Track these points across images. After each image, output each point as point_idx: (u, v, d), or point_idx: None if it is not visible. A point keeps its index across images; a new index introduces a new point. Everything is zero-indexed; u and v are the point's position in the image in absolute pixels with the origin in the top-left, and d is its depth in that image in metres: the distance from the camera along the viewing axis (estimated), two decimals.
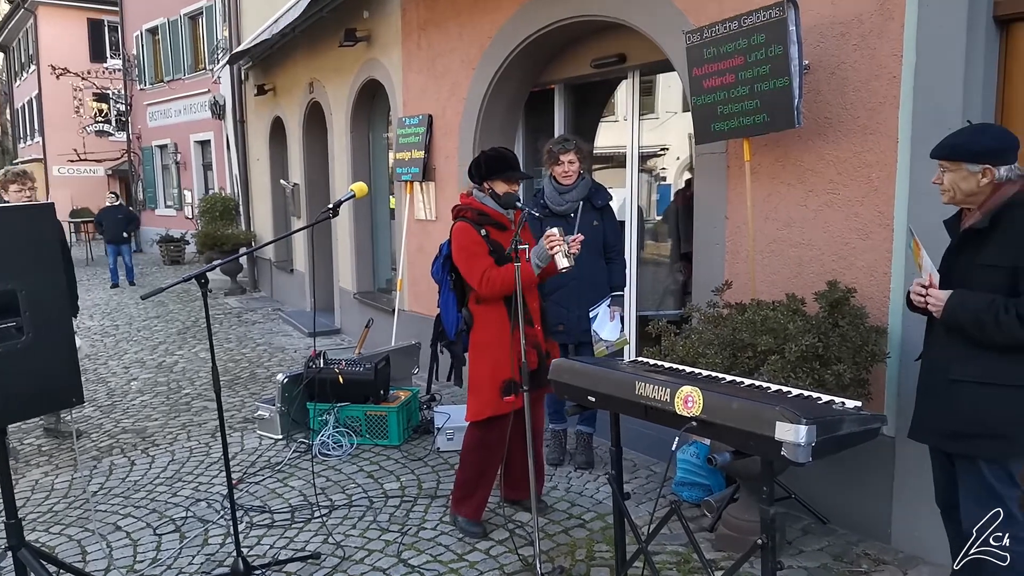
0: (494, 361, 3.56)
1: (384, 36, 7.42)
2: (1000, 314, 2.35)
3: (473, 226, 3.55)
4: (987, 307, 2.38)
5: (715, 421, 2.23)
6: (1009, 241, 2.38)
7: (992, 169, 2.40)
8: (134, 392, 6.70)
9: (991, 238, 2.43)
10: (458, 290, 3.67)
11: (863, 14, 3.42)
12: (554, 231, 3.38)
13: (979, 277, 2.45)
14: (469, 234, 3.54)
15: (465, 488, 3.76)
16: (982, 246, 2.45)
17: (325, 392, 5.11)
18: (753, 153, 3.82)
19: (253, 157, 12.91)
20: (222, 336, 9.15)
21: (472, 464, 3.71)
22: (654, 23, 4.45)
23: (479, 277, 3.49)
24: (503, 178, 3.59)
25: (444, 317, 3.72)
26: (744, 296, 3.71)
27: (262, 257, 12.85)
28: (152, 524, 4.04)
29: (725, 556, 3.45)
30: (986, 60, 3.10)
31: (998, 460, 2.48)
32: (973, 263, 2.47)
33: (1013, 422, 2.42)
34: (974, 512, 2.52)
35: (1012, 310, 2.34)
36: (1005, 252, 2.39)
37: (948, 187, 2.52)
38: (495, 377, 3.55)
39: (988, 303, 2.38)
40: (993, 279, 2.41)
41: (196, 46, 19.41)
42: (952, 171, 2.49)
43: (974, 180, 2.44)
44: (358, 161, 8.58)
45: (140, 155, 23.18)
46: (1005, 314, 2.34)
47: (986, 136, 2.46)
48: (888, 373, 3.43)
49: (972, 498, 2.54)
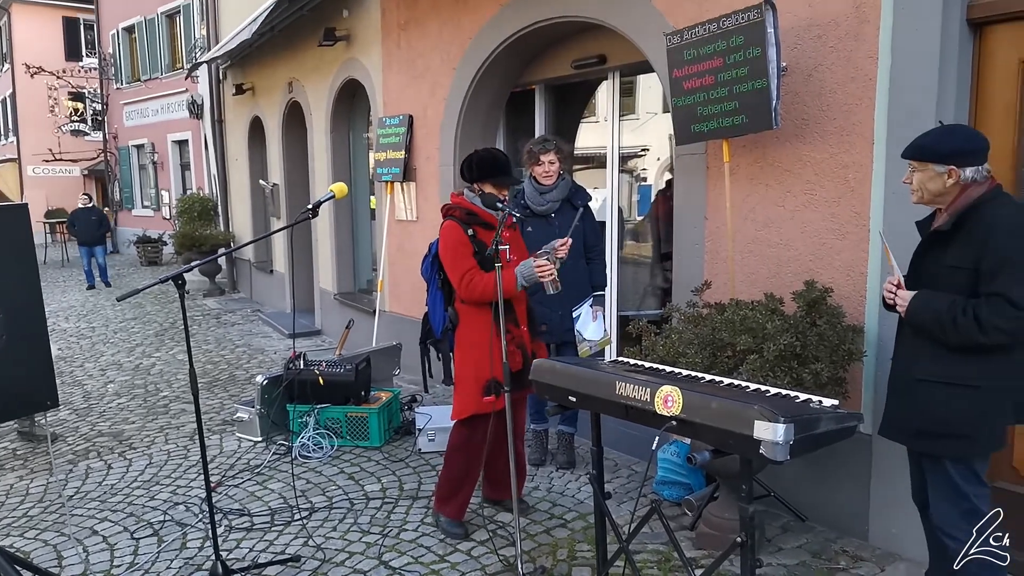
0: (478, 360, 3.56)
1: (364, 35, 7.39)
2: (958, 315, 2.38)
3: (461, 225, 3.54)
4: (947, 308, 2.41)
5: (695, 420, 2.25)
6: (971, 242, 2.41)
7: (957, 170, 2.43)
8: (111, 395, 6.62)
9: (956, 239, 2.46)
10: (446, 288, 3.67)
11: (839, 17, 3.46)
12: (544, 262, 3.41)
13: (944, 278, 2.48)
14: (455, 233, 3.54)
15: (449, 487, 3.75)
16: (948, 247, 2.48)
17: (305, 394, 5.07)
18: (732, 154, 3.85)
19: (232, 157, 12.81)
20: (200, 338, 9.06)
21: (457, 463, 3.70)
22: (634, 24, 4.47)
23: (459, 278, 3.49)
24: (493, 182, 3.58)
25: (431, 315, 3.73)
26: (723, 296, 3.74)
27: (241, 258, 12.75)
28: (129, 528, 3.99)
29: (705, 554, 3.47)
30: (959, 62, 3.15)
31: (962, 459, 2.50)
32: (939, 264, 2.51)
33: (974, 422, 2.44)
34: (942, 509, 2.56)
35: (970, 312, 2.36)
36: (968, 253, 2.41)
37: (916, 187, 2.56)
38: (479, 376, 3.55)
39: (948, 304, 2.41)
40: (957, 280, 2.44)
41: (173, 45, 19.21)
42: (920, 171, 2.52)
43: (940, 181, 2.47)
44: (338, 161, 8.54)
45: (116, 155, 22.91)
46: (963, 316, 2.37)
47: (953, 137, 2.49)
48: (865, 371, 3.46)
49: (940, 496, 2.57)
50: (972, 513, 2.50)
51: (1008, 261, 2.33)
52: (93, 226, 14.11)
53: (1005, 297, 2.32)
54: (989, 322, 2.33)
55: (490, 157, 3.66)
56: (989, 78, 3.16)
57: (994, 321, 2.33)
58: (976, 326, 2.35)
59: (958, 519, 2.52)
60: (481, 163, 3.62)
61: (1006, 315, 2.31)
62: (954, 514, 2.53)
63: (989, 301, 2.35)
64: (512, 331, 3.58)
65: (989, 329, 2.34)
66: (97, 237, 14.10)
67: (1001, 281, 2.33)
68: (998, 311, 2.32)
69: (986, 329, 2.34)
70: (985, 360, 2.42)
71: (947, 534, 2.55)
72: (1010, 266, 2.33)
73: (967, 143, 2.46)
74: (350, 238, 8.75)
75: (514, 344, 3.57)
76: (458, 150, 6.04)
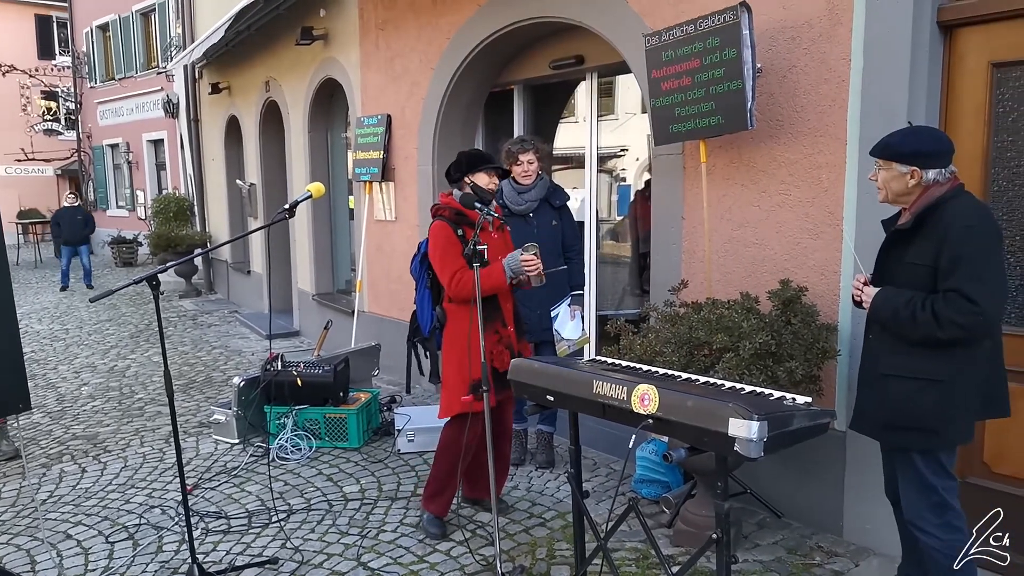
0: (462, 360, 3.56)
1: (342, 35, 7.36)
2: (917, 311, 2.43)
3: (450, 225, 3.56)
4: (906, 304, 2.47)
5: (671, 418, 2.27)
6: (930, 240, 2.46)
7: (920, 171, 2.48)
8: (85, 397, 6.54)
9: (916, 237, 2.51)
10: (434, 288, 3.69)
11: (813, 19, 3.50)
12: (531, 256, 3.44)
13: (905, 274, 2.54)
14: (444, 233, 3.56)
15: (436, 484, 3.76)
16: (909, 245, 2.53)
17: (283, 395, 5.04)
18: (709, 154, 3.88)
19: (208, 157, 12.69)
20: (176, 339, 8.97)
21: (447, 461, 3.71)
22: (611, 26, 4.49)
23: (449, 277, 3.52)
24: (483, 170, 3.63)
25: (420, 314, 3.77)
26: (700, 295, 3.77)
27: (218, 259, 12.64)
28: (104, 532, 3.94)
29: (683, 551, 3.50)
30: (930, 64, 3.20)
31: (930, 452, 2.54)
32: (900, 261, 2.56)
33: (940, 416, 2.48)
34: (912, 502, 2.61)
35: (928, 307, 2.41)
36: (927, 250, 2.46)
37: (881, 185, 2.61)
38: (465, 376, 3.56)
39: (907, 299, 2.47)
40: (918, 276, 2.49)
41: (148, 43, 18.97)
42: (885, 170, 2.57)
43: (903, 181, 2.53)
44: (316, 161, 8.50)
45: (90, 154, 22.59)
46: (921, 311, 2.42)
47: (918, 138, 2.53)
48: (839, 369, 3.51)
49: (910, 488, 2.61)
50: (940, 506, 2.55)
51: (964, 258, 2.38)
52: (79, 226, 13.88)
53: (961, 293, 2.36)
54: (946, 317, 2.38)
55: (476, 151, 3.75)
56: (959, 80, 3.21)
57: (950, 316, 2.37)
58: (934, 321, 2.40)
59: (926, 512, 2.56)
60: (470, 157, 3.68)
61: (962, 310, 2.36)
62: (923, 507, 2.57)
63: (946, 297, 2.40)
64: (500, 331, 3.60)
65: (946, 324, 2.38)
66: (82, 237, 13.90)
67: (957, 277, 2.38)
68: (955, 307, 2.37)
69: (943, 324, 2.39)
70: (949, 354, 2.46)
71: (916, 527, 2.60)
72: (966, 263, 2.37)
73: (931, 145, 2.51)
74: (328, 238, 8.70)
75: (502, 344, 3.59)
76: (437, 150, 6.04)
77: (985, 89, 3.13)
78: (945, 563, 2.53)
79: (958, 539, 2.52)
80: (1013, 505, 3.13)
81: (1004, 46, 3.06)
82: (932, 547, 2.56)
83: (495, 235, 3.71)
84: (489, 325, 3.57)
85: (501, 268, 3.49)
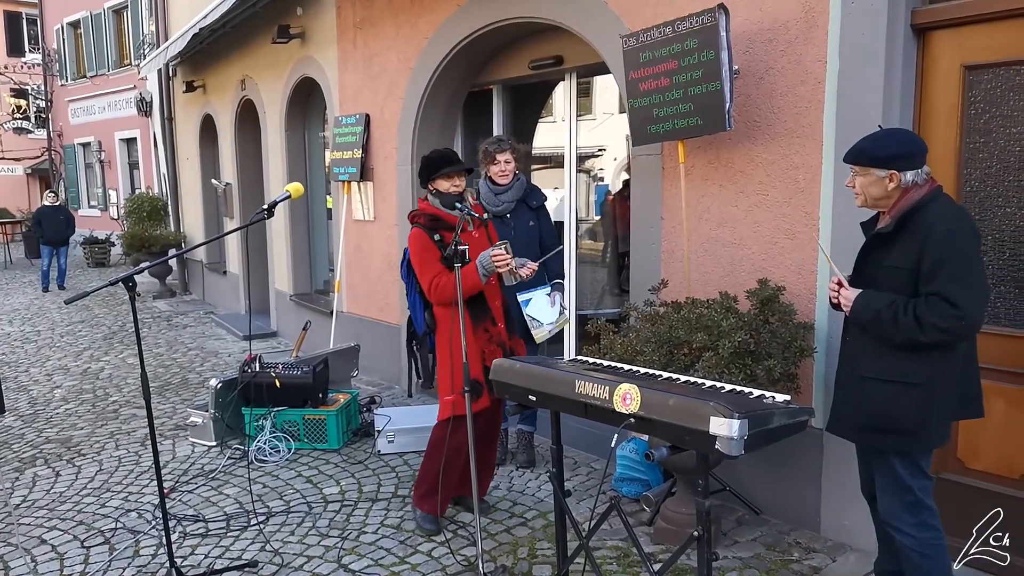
0: (455, 362, 3.56)
1: (319, 34, 7.31)
2: (899, 314, 2.43)
3: (426, 231, 3.57)
4: (888, 306, 2.46)
5: (652, 417, 2.28)
6: (911, 243, 2.46)
7: (898, 174, 2.48)
8: (58, 400, 6.43)
9: (897, 240, 2.51)
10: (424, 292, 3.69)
11: (789, 21, 3.54)
12: (501, 252, 3.44)
13: (884, 277, 2.54)
14: (421, 240, 3.57)
15: (426, 484, 3.75)
16: (890, 248, 2.54)
17: (261, 396, 5.00)
18: (687, 155, 3.91)
19: (182, 156, 12.54)
20: (151, 341, 8.86)
21: (436, 462, 3.70)
22: (590, 27, 4.51)
23: (428, 284, 3.54)
24: (441, 175, 3.61)
25: (413, 316, 3.81)
26: (680, 295, 3.80)
27: (193, 259, 12.49)
28: (79, 536, 3.89)
29: (664, 549, 3.52)
30: (904, 66, 3.25)
31: (907, 454, 2.56)
32: (880, 264, 2.57)
33: (919, 419, 2.49)
34: (889, 502, 2.63)
35: (910, 311, 2.42)
36: (907, 254, 2.47)
37: (859, 191, 2.60)
38: (456, 378, 3.55)
39: (889, 303, 2.47)
40: (897, 279, 2.50)
41: (121, 40, 18.73)
42: (861, 175, 2.56)
43: (882, 185, 2.52)
44: (294, 160, 8.43)
45: (62, 153, 22.24)
46: (904, 315, 2.42)
47: (892, 142, 2.53)
48: (816, 367, 3.55)
49: (887, 489, 2.63)
50: (916, 505, 2.57)
51: (946, 262, 2.39)
52: (61, 226, 13.63)
53: (943, 297, 2.37)
54: (928, 322, 2.38)
55: (435, 154, 3.70)
56: (933, 82, 3.26)
57: (933, 320, 2.38)
58: (916, 325, 2.40)
59: (901, 511, 2.59)
60: (428, 163, 3.66)
61: (944, 315, 2.37)
62: (898, 506, 2.60)
63: (928, 301, 2.40)
64: (490, 329, 3.61)
65: (928, 328, 2.39)
66: (64, 238, 13.65)
67: (939, 281, 2.39)
68: (937, 311, 2.38)
69: (925, 328, 2.39)
70: (927, 357, 2.47)
71: (892, 526, 2.62)
72: (948, 267, 2.38)
73: (907, 147, 2.51)
74: (306, 238, 8.64)
75: (493, 343, 3.60)
76: (415, 150, 6.02)
77: (958, 91, 3.19)
78: (920, 561, 2.57)
79: (932, 537, 2.56)
80: (987, 500, 3.20)
81: (976, 49, 3.12)
82: (907, 546, 2.58)
83: (475, 234, 3.70)
84: (478, 324, 3.59)
85: (475, 268, 3.49)
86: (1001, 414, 3.11)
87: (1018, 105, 3.05)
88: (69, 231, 13.89)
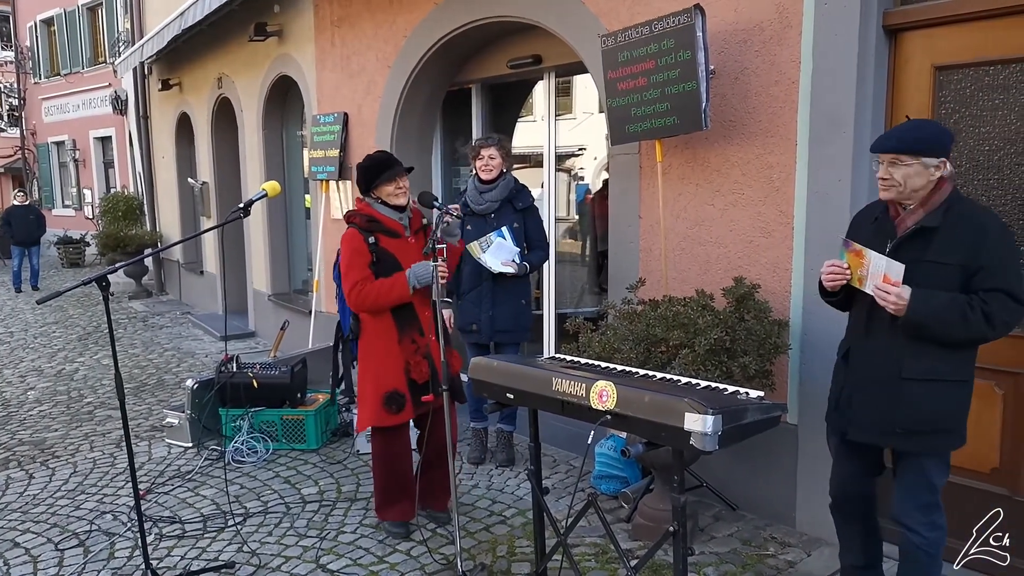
0: (376, 371, 3.55)
1: (297, 32, 7.27)
2: (967, 312, 2.35)
3: (361, 233, 3.47)
4: (950, 304, 2.37)
5: (628, 414, 2.30)
6: (958, 238, 2.40)
7: (946, 162, 2.42)
8: (31, 402, 6.34)
9: (937, 235, 2.42)
10: None
11: (764, 22, 3.58)
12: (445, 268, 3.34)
13: (925, 272, 2.42)
14: (354, 242, 3.47)
15: (381, 496, 3.73)
16: (930, 242, 2.43)
17: (239, 397, 4.96)
18: (665, 154, 3.94)
19: (158, 154, 12.41)
20: (127, 342, 8.76)
21: (380, 473, 3.70)
22: (568, 26, 4.52)
23: (350, 288, 3.44)
24: (383, 180, 3.48)
25: (341, 319, 3.69)
26: (657, 293, 3.83)
27: (169, 259, 12.37)
28: (53, 539, 3.84)
29: (641, 545, 3.55)
30: (876, 67, 3.29)
31: (941, 453, 2.53)
32: (920, 259, 2.43)
33: (956, 417, 2.48)
34: (908, 504, 2.57)
35: (977, 307, 2.35)
36: (954, 249, 2.41)
37: (899, 181, 2.44)
38: (378, 388, 3.53)
39: (950, 300, 2.37)
40: (942, 275, 2.42)
41: (95, 38, 18.48)
42: (907, 165, 2.42)
43: (927, 175, 2.41)
44: (271, 159, 8.37)
45: (35, 152, 21.91)
46: (971, 311, 2.35)
47: (938, 131, 2.45)
48: (790, 364, 3.59)
49: (910, 489, 2.57)
50: (931, 505, 2.55)
51: (1005, 259, 2.39)
52: (32, 226, 13.43)
53: (1007, 292, 2.36)
54: (999, 318, 2.36)
55: (370, 162, 3.54)
56: (904, 82, 3.31)
57: (1003, 316, 2.36)
58: (985, 322, 2.36)
59: (916, 510, 2.55)
60: (365, 172, 3.50)
61: (1012, 310, 2.36)
62: (914, 506, 2.55)
63: (994, 297, 2.37)
64: (416, 340, 3.54)
65: (999, 324, 2.36)
66: (35, 238, 13.45)
67: (1002, 277, 2.37)
68: (1004, 306, 2.36)
69: (996, 325, 2.36)
70: (965, 355, 2.47)
71: (904, 525, 2.57)
72: (1008, 263, 2.39)
73: (946, 137, 2.45)
74: (284, 238, 8.59)
75: (419, 354, 3.54)
76: (395, 148, 6.00)
77: (928, 91, 3.24)
78: (924, 559, 2.56)
79: (939, 537, 2.56)
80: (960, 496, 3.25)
81: (946, 50, 3.17)
82: (915, 544, 2.55)
83: (411, 239, 3.58)
84: (404, 334, 3.51)
85: (404, 279, 3.40)
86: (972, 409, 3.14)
87: (987, 105, 3.10)
88: (40, 231, 13.69)
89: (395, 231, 3.53)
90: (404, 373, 3.52)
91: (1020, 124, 3.03)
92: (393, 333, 3.51)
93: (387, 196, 3.51)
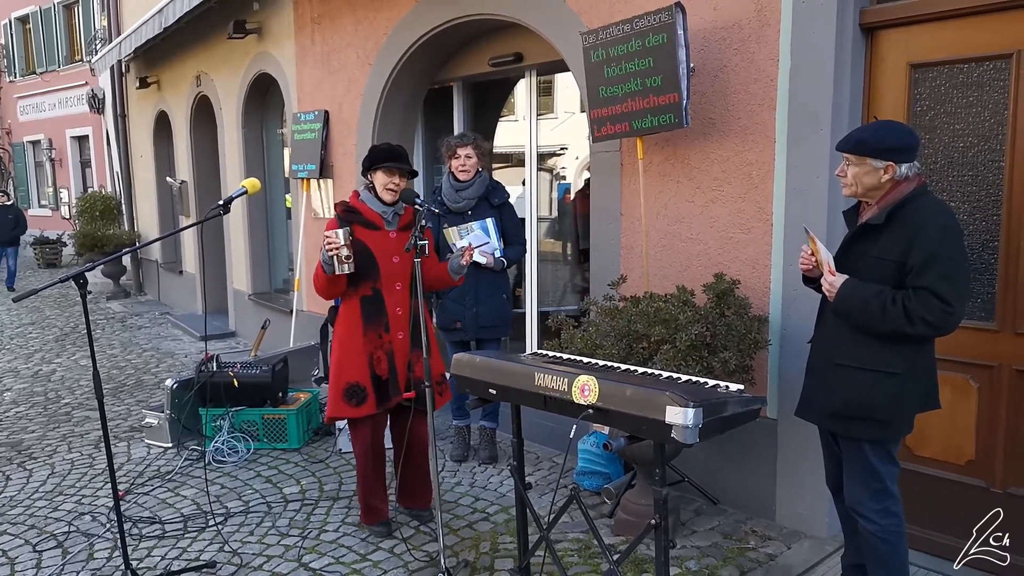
0: (339, 361, 3.57)
1: (276, 29, 7.23)
2: (888, 304, 2.43)
3: (339, 222, 3.50)
4: (875, 296, 2.45)
5: (610, 408, 2.31)
6: (899, 236, 2.47)
7: (894, 166, 2.48)
8: (7, 403, 6.25)
9: (884, 232, 2.51)
10: None
11: (742, 20, 3.61)
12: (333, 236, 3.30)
13: (867, 267, 2.52)
14: (328, 229, 3.49)
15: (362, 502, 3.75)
16: (876, 240, 2.53)
17: (219, 396, 4.92)
18: (645, 152, 3.96)
19: (136, 153, 12.28)
20: (105, 342, 8.66)
21: (358, 470, 3.71)
22: (548, 24, 4.53)
23: (314, 272, 3.52)
24: (381, 168, 3.52)
25: None
26: (638, 289, 3.85)
27: (148, 259, 12.24)
28: (31, 541, 3.79)
29: (623, 540, 3.56)
30: (853, 65, 3.33)
31: (879, 442, 2.58)
32: (866, 254, 2.54)
33: (890, 407, 2.52)
34: (856, 489, 2.64)
35: (899, 302, 2.42)
36: (894, 246, 2.48)
37: (851, 181, 2.55)
38: (339, 378, 3.55)
39: (877, 292, 2.46)
40: (881, 271, 2.50)
41: (72, 36, 18.27)
42: (856, 165, 2.52)
43: (876, 176, 2.49)
44: (251, 157, 8.32)
45: (10, 151, 21.63)
46: (892, 305, 2.43)
47: (891, 133, 2.53)
48: (770, 359, 3.63)
49: (855, 476, 2.65)
50: (882, 492, 2.60)
51: (937, 257, 2.41)
52: (9, 224, 13.27)
53: (932, 291, 2.39)
54: (917, 314, 2.40)
55: (382, 144, 3.66)
56: (880, 80, 3.36)
57: (921, 313, 2.40)
58: (904, 317, 2.41)
59: (867, 498, 2.61)
60: (373, 152, 3.59)
61: (932, 309, 2.39)
62: (865, 494, 2.61)
63: (917, 294, 2.41)
64: (382, 336, 3.54)
65: (916, 320, 2.40)
66: (13, 237, 13.28)
67: (930, 276, 2.40)
68: (926, 304, 2.40)
69: (913, 320, 2.41)
70: (904, 349, 2.50)
71: (857, 512, 2.64)
72: (940, 262, 2.40)
73: (904, 140, 2.51)
74: (265, 236, 8.53)
75: (382, 351, 3.54)
76: None
77: (904, 89, 3.28)
78: (880, 546, 2.61)
79: (894, 524, 2.60)
80: (930, 485, 3.30)
81: (921, 48, 3.22)
82: (870, 531, 2.61)
83: (393, 234, 3.57)
84: (369, 327, 3.53)
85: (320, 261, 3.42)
86: (947, 402, 3.19)
87: (961, 102, 3.15)
88: (18, 230, 13.52)
89: (374, 223, 3.53)
90: (368, 367, 3.52)
91: (993, 121, 3.08)
92: (358, 325, 3.53)
93: (378, 185, 3.55)
